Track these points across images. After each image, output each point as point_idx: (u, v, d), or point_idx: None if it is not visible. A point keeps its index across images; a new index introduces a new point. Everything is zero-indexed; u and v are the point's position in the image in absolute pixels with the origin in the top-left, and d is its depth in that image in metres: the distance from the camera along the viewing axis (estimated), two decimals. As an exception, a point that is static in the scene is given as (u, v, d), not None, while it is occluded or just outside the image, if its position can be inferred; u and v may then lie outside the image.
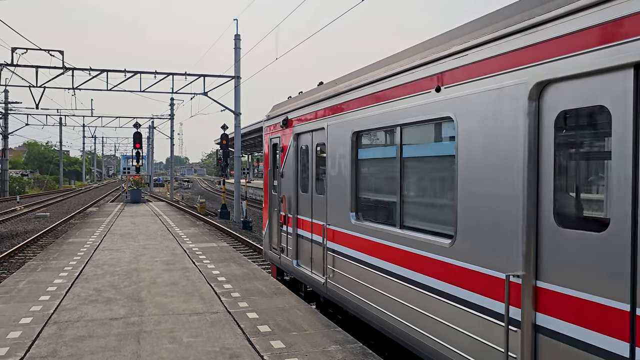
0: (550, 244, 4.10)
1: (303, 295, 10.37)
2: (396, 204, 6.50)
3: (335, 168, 8.16)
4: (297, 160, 10.03)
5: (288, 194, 10.44)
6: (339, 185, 8.03)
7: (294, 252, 10.05)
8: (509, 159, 4.48)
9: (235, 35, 31.59)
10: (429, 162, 6.25)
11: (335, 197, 8.17)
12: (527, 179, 4.26)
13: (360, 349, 6.53)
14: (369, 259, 7.02)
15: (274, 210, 11.42)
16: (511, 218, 4.45)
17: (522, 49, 4.35)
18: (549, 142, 4.12)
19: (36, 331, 7.24)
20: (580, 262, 3.81)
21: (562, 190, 4.17)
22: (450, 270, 5.27)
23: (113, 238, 17.49)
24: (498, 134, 4.63)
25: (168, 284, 10.30)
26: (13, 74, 29.08)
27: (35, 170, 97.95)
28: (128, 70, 30.28)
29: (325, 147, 8.55)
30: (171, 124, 56.42)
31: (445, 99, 5.36)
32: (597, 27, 3.68)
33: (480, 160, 4.88)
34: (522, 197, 4.31)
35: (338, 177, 8.07)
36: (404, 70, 6.09)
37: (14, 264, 17.18)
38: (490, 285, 4.71)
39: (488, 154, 4.76)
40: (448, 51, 5.31)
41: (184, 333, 7.22)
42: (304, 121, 9.59)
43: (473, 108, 4.94)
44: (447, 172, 5.54)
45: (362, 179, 7.55)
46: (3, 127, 54.51)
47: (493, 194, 4.69)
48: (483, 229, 4.83)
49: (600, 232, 3.66)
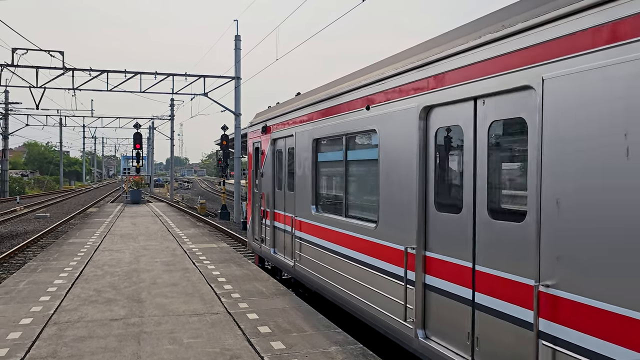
0: (432, 224, 5.81)
1: (279, 279, 11.87)
2: (343, 197, 8.16)
3: (301, 169, 9.76)
4: (274, 162, 11.61)
5: (267, 191, 12.03)
6: (303, 183, 9.63)
7: (271, 241, 11.67)
8: (408, 163, 6.11)
9: (235, 36, 31.60)
10: (363, 165, 7.85)
11: (301, 193, 9.79)
12: (419, 177, 5.92)
13: (361, 350, 6.53)
14: (324, 243, 8.65)
15: (256, 205, 13.08)
16: (410, 206, 6.08)
17: (415, 81, 5.99)
18: (432, 151, 5.82)
19: (36, 332, 7.24)
20: (448, 236, 5.54)
21: (440, 184, 5.79)
22: (374, 247, 6.95)
23: (113, 239, 17.49)
24: (403, 144, 6.25)
25: (168, 285, 10.30)
26: (13, 74, 29.09)
27: (35, 171, 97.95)
28: (128, 70, 30.27)
29: (294, 151, 10.14)
30: (171, 125, 56.45)
31: (372, 116, 6.98)
32: (453, 70, 5.39)
33: (392, 163, 6.50)
34: (416, 191, 5.95)
35: (303, 176, 9.67)
36: (346, 91, 7.74)
37: (14, 264, 17.19)
38: (396, 256, 6.38)
39: (397, 159, 6.37)
40: (373, 79, 6.92)
41: (184, 334, 7.22)
42: (278, 128, 11.22)
43: (389, 123, 6.57)
44: (374, 173, 7.03)
45: (320, 178, 9.24)
46: (3, 127, 54.53)
47: (399, 189, 6.32)
48: (393, 215, 6.49)
49: (458, 214, 5.34)
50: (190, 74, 31.74)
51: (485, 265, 5.00)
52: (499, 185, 5.05)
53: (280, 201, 11.13)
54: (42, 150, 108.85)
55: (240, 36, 31.60)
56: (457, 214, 5.34)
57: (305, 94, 10.18)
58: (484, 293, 5.01)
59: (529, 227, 4.40)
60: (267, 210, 11.89)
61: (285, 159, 10.80)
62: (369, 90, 7.04)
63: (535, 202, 4.30)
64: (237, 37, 31.55)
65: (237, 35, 31.58)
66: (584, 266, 3.87)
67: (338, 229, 8.12)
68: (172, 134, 56.66)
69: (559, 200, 4.10)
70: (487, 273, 4.99)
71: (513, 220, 4.65)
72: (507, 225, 4.71)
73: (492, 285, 4.89)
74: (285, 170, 10.80)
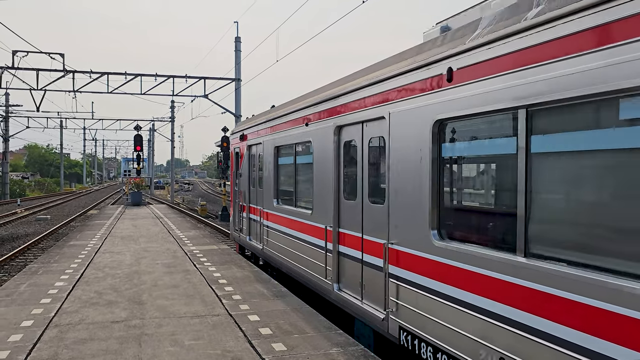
0: (342, 209, 8.11)
1: (253, 261, 14.07)
2: (294, 192, 10.57)
3: (267, 170, 12.11)
4: (249, 165, 14.06)
5: (244, 189, 14.60)
6: (268, 181, 12.01)
7: (247, 230, 14.17)
8: (329, 166, 8.43)
9: (235, 38, 31.59)
10: (305, 167, 9.82)
11: (267, 189, 12.20)
12: (335, 176, 8.25)
13: (362, 351, 6.52)
14: (281, 228, 11.07)
15: (236, 201, 15.66)
16: (330, 196, 8.40)
17: (331, 108, 8.40)
18: (342, 157, 8.16)
19: (37, 334, 7.23)
20: (350, 216, 7.80)
21: (346, 181, 8.03)
22: (310, 227, 9.34)
23: (114, 241, 17.49)
24: (325, 152, 8.58)
25: (169, 287, 10.29)
26: (14, 77, 29.12)
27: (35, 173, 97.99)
28: (129, 72, 30.30)
29: (263, 155, 12.54)
30: (172, 127, 56.41)
31: (309, 131, 9.35)
32: (351, 102, 7.61)
33: (321, 166, 8.79)
34: (333, 185, 8.26)
35: (268, 176, 12.02)
36: (294, 111, 10.26)
37: (15, 266, 17.19)
38: (321, 233, 8.70)
39: (323, 163, 8.68)
40: (309, 104, 9.38)
41: (185, 336, 7.21)
42: (252, 137, 13.61)
43: (318, 136, 8.90)
44: (311, 173, 9.28)
45: (280, 177, 11.58)
46: (4, 130, 54.55)
47: (324, 185, 8.63)
48: (321, 204, 8.80)
49: (355, 201, 7.60)
50: (191, 76, 31.78)
51: (367, 234, 7.30)
52: (374, 180, 7.20)
53: (254, 196, 13.62)
54: (43, 152, 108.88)
55: (240, 38, 31.59)
56: (354, 200, 7.66)
57: (270, 110, 12.74)
58: (366, 253, 7.32)
59: (385, 208, 6.63)
60: (244, 205, 14.46)
61: (257, 162, 13.25)
62: (307, 111, 9.52)
63: (388, 192, 6.55)
64: (237, 39, 31.54)
65: (237, 37, 31.57)
66: (406, 230, 6.24)
67: (290, 217, 10.52)
68: (172, 136, 56.64)
69: (397, 190, 6.40)
70: (367, 239, 7.27)
71: (380, 203, 6.92)
72: (377, 207, 6.99)
73: (369, 247, 7.21)
74: (257, 171, 13.27)
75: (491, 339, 4.80)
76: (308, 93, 10.07)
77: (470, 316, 5.09)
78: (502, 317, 4.66)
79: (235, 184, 15.81)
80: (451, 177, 5.85)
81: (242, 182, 14.75)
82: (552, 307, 4.13)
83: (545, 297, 4.20)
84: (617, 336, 3.62)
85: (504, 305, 4.64)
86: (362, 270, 7.37)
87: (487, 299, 4.85)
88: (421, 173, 5.88)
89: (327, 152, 8.43)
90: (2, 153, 55.23)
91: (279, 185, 11.59)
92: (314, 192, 9.05)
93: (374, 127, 6.96)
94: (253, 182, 13.61)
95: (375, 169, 7.19)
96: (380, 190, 6.93)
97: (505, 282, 4.65)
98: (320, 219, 8.79)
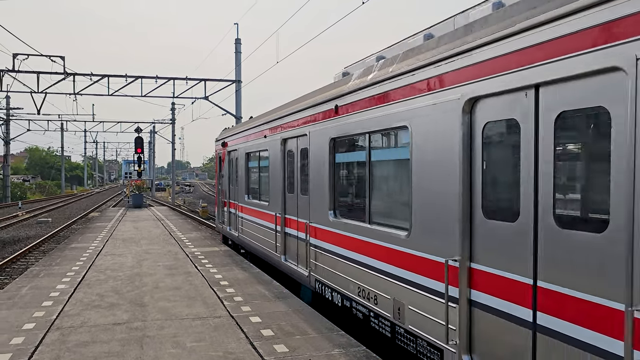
0: (287, 198, 10.56)
1: (230, 245, 16.88)
2: (258, 188, 13.29)
3: (241, 171, 14.87)
4: (229, 167, 16.74)
5: (225, 188, 17.28)
6: (241, 180, 14.79)
7: (228, 222, 16.79)
8: (279, 167, 10.86)
9: (235, 40, 31.59)
10: (265, 169, 12.37)
11: (240, 187, 14.92)
12: (282, 175, 10.78)
13: (364, 352, 6.52)
14: (250, 218, 13.66)
15: (220, 198, 18.58)
16: (279, 191, 10.82)
17: (278, 125, 10.83)
18: (285, 162, 10.53)
19: (39, 337, 7.23)
20: (291, 204, 10.42)
21: (289, 179, 10.43)
22: (267, 215, 11.92)
23: (115, 243, 17.49)
24: (276, 158, 11.06)
25: (171, 289, 10.29)
26: (14, 80, 29.14)
27: (36, 176, 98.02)
28: (129, 75, 30.33)
29: (237, 159, 15.33)
30: (172, 129, 56.44)
31: (267, 142, 11.93)
32: (290, 122, 10.27)
33: (273, 168, 11.33)
34: (281, 182, 10.75)
35: (241, 176, 14.79)
36: (256, 125, 12.95)
37: (17, 269, 17.19)
38: (273, 219, 11.27)
39: (274, 166, 11.14)
40: (266, 121, 12.07)
41: (187, 338, 7.21)
42: (231, 144, 16.33)
43: (272, 147, 11.44)
44: (268, 174, 11.85)
45: (250, 176, 14.21)
46: (5, 133, 54.61)
47: (276, 182, 11.05)
48: (274, 197, 11.31)
49: (293, 194, 9.97)
50: (191, 78, 31.80)
51: (300, 217, 9.81)
52: (304, 178, 9.40)
53: (232, 193, 16.20)
54: (44, 155, 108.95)
55: (240, 39, 31.60)
56: (293, 193, 10.01)
57: (244, 123, 15.48)
58: (299, 231, 9.83)
59: (308, 198, 8.97)
60: (225, 201, 17.16)
61: (234, 165, 15.87)
62: (264, 127, 12.21)
63: (309, 187, 8.89)
64: (238, 41, 31.54)
65: (237, 39, 31.58)
66: (318, 212, 8.84)
67: (255, 208, 13.14)
68: (173, 138, 56.68)
69: (314, 185, 8.78)
70: (300, 221, 9.82)
71: (306, 195, 9.19)
72: (304, 197, 9.28)
73: (301, 226, 9.75)
74: (234, 172, 15.87)
75: (356, 277, 7.39)
76: (265, 113, 12.96)
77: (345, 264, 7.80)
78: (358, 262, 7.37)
79: (219, 184, 18.87)
80: (339, 176, 8.41)
81: (223, 182, 17.59)
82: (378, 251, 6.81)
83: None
84: (381, 256, 6.77)
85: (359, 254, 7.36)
86: (297, 243, 10.06)
87: (352, 252, 7.55)
88: (324, 173, 8.50)
89: (277, 158, 11.09)
90: (3, 156, 55.30)
91: (249, 184, 14.29)
92: (270, 188, 11.78)
93: (303, 140, 9.41)
94: (232, 182, 16.31)
95: (304, 170, 9.56)
96: (307, 185, 9.34)
97: (360, 240, 7.34)
98: (273, 208, 11.45)
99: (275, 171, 11.20)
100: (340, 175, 8.48)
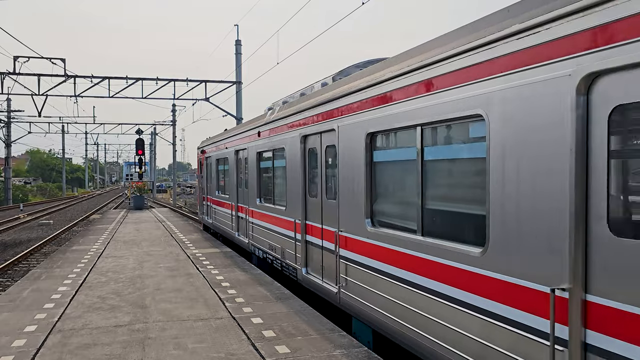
0: (240, 192, 14.82)
1: (208, 231, 21.51)
2: (224, 186, 17.31)
3: (213, 173, 19.43)
4: (206, 169, 21.45)
5: (203, 185, 22.41)
6: (214, 179, 19.24)
7: (206, 212, 21.48)
8: (232, 170, 15.93)
9: (236, 41, 31.61)
10: (227, 171, 16.21)
11: (214, 184, 19.39)
12: (236, 177, 15.69)
13: (366, 352, 6.51)
14: (218, 208, 18.37)
15: (200, 194, 23.76)
16: (233, 187, 15.64)
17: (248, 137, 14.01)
18: (239, 166, 15.33)
19: (41, 339, 7.23)
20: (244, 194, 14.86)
21: (243, 180, 14.93)
22: (230, 205, 16.11)
23: (117, 245, 17.50)
24: (232, 162, 15.69)
25: (172, 290, 10.29)
26: (15, 82, 29.17)
27: (38, 178, 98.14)
28: (130, 77, 30.35)
29: (212, 163, 19.69)
30: (173, 130, 56.49)
31: (229, 151, 15.99)
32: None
33: (232, 171, 15.75)
34: (236, 180, 15.47)
35: (215, 175, 19.06)
36: (223, 139, 17.32)
37: (18, 272, 17.20)
38: (230, 206, 16.06)
39: (230, 169, 16.09)
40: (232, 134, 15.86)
41: (188, 339, 7.20)
42: (208, 152, 20.73)
43: (229, 157, 15.98)
44: (229, 175, 15.95)
45: (220, 178, 18.33)
46: (6, 135, 54.66)
47: (230, 179, 16.12)
48: (230, 191, 16.18)
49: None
50: (192, 79, 31.81)
51: (241, 200, 13.57)
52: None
53: (209, 190, 20.86)
54: (45, 157, 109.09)
55: (240, 41, 31.62)
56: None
57: (216, 136, 19.59)
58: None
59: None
60: (204, 196, 22.16)
61: (208, 168, 21.01)
62: (232, 139, 15.63)
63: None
64: (238, 42, 31.56)
65: (237, 40, 31.59)
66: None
67: (221, 200, 17.94)
68: (174, 139, 56.72)
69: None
70: (239, 206, 14.18)
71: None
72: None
73: (238, 207, 13.43)
74: (208, 173, 20.98)
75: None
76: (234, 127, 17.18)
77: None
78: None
79: (200, 183, 24.29)
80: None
81: (202, 181, 22.94)
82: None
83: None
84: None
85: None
86: (250, 226, 13.32)
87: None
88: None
89: (233, 163, 15.12)
90: (5, 158, 55.37)
91: (218, 182, 18.66)
92: (227, 184, 16.56)
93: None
94: (209, 180, 20.98)
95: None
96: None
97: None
98: (227, 199, 16.13)
99: (231, 172, 15.87)
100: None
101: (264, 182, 12.78)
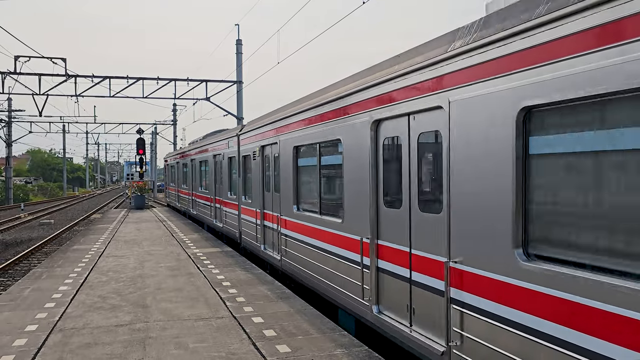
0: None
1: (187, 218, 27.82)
2: (191, 181, 26.00)
3: (184, 172, 28.22)
4: (180, 170, 29.13)
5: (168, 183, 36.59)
6: (185, 177, 27.66)
7: (175, 198, 32.42)
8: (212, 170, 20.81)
9: (236, 40, 31.56)
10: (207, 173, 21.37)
11: (183, 181, 28.73)
12: (194, 176, 25.61)
13: (366, 352, 6.51)
14: (185, 196, 28.00)
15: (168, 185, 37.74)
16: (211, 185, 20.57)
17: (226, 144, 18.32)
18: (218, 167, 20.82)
19: (42, 339, 7.24)
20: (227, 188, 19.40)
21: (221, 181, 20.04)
22: (205, 198, 21.77)
23: (117, 244, 17.51)
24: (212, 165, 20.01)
25: (173, 290, 10.29)
26: (16, 82, 29.17)
27: (38, 178, 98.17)
28: (130, 76, 30.34)
29: (185, 165, 27.84)
30: (174, 130, 56.54)
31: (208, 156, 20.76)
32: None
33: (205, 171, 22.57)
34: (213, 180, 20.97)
35: (186, 174, 27.36)
36: (201, 145, 22.87)
37: (19, 271, 17.21)
38: (210, 199, 20.69)
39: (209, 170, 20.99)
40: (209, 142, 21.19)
41: (189, 339, 7.20)
42: (183, 157, 28.36)
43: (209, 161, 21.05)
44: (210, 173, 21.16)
45: (187, 175, 26.85)
46: (7, 135, 54.69)
47: (190, 178, 26.47)
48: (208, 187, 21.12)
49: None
50: (193, 79, 31.75)
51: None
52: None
53: (181, 184, 27.89)
54: (46, 157, 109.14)
55: (241, 40, 31.55)
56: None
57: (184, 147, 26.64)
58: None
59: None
60: (169, 186, 34.75)
61: (177, 168, 29.46)
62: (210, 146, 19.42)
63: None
64: (239, 42, 31.52)
65: (238, 40, 31.55)
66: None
67: (191, 190, 25.42)
68: (175, 139, 56.77)
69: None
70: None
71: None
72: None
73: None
74: (180, 172, 28.76)
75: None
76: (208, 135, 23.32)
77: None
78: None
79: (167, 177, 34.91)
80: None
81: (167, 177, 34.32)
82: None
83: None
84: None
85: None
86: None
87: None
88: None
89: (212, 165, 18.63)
90: (5, 158, 55.39)
91: (185, 179, 25.33)
92: (187, 180, 24.86)
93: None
94: (177, 177, 30.89)
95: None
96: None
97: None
98: (209, 193, 18.80)
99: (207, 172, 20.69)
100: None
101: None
